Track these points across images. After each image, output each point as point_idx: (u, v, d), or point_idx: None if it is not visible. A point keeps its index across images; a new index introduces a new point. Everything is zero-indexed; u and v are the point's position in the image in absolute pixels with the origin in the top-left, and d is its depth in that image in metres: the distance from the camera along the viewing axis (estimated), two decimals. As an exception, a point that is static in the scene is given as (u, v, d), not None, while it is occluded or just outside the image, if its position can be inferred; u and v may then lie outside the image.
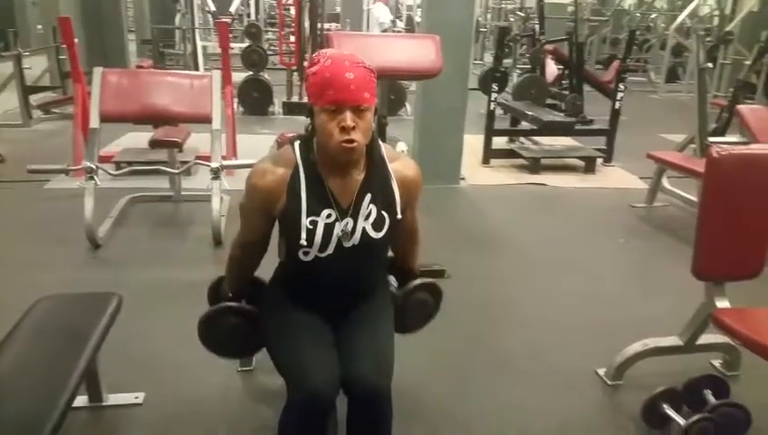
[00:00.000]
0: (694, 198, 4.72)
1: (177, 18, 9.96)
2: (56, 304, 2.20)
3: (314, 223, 1.70)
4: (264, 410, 2.38)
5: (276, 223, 1.83)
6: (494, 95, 5.97)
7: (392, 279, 2.14)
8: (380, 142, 1.81)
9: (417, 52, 3.36)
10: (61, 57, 7.26)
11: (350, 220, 1.73)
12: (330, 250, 1.74)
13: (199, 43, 8.83)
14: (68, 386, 1.71)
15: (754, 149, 2.66)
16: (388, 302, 1.99)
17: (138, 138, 5.79)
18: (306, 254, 1.74)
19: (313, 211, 1.71)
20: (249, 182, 1.76)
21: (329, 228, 1.72)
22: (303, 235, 1.70)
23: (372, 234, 1.75)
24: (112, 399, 2.39)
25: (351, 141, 1.61)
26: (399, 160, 1.83)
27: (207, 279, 2.20)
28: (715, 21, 13.36)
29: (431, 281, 2.17)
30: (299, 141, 1.76)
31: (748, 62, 6.69)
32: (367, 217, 1.74)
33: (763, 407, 2.36)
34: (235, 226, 1.93)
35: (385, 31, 9.70)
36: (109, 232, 3.99)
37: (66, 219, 4.16)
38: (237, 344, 2.06)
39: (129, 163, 4.86)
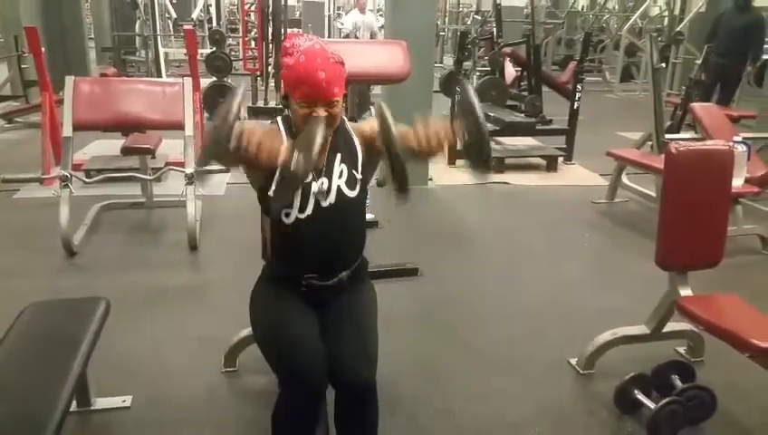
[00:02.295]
0: (652, 193, 4.91)
1: (138, 25, 9.89)
2: (44, 310, 2.22)
3: None
4: (250, 410, 2.43)
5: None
6: (456, 97, 6.10)
7: None
8: (344, 117, 1.93)
9: (386, 57, 3.45)
10: (23, 66, 7.21)
11: (324, 179, 1.84)
12: (309, 211, 1.82)
13: (161, 50, 8.78)
14: (63, 392, 1.73)
15: (710, 144, 2.80)
16: (373, 296, 2.06)
17: (105, 145, 5.78)
18: (288, 216, 1.82)
19: None
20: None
21: (306, 187, 1.81)
22: (274, 186, 1.78)
23: (347, 192, 1.86)
24: (100, 403, 2.41)
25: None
26: (358, 124, 2.00)
27: (185, 283, 2.19)
28: (665, 21, 13.75)
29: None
30: (281, 118, 1.90)
31: (698, 62, 6.94)
32: (340, 176, 1.85)
33: (727, 389, 2.50)
34: (210, 232, 1.94)
35: (347, 36, 9.79)
36: (83, 239, 3.98)
37: (39, 228, 4.15)
38: None
39: (99, 171, 4.83)
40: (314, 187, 1.82)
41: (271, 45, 8.01)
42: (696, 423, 2.38)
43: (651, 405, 2.34)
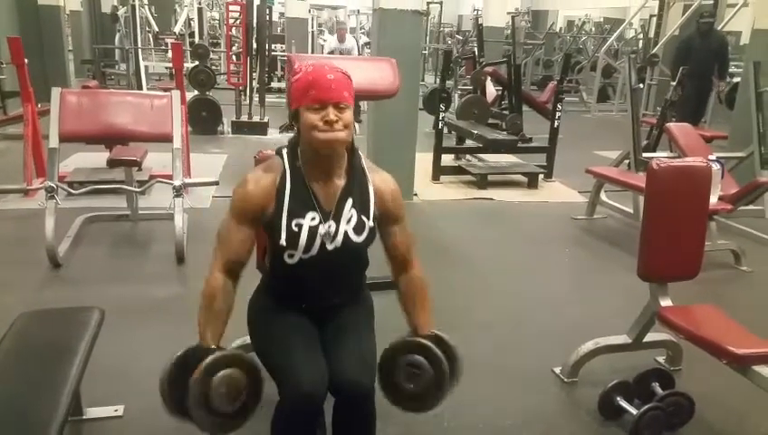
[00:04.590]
0: (630, 210, 5.04)
1: (117, 38, 9.90)
2: (37, 320, 2.20)
3: (299, 225, 1.78)
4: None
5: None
6: (441, 114, 6.19)
7: None
8: (360, 154, 1.91)
9: (377, 74, 3.52)
10: (1, 77, 7.16)
11: (332, 223, 1.81)
12: (313, 252, 1.81)
13: (142, 63, 8.78)
14: (61, 402, 1.73)
15: (688, 161, 2.90)
16: (370, 306, 2.10)
17: (86, 158, 5.76)
18: (291, 256, 1.81)
19: (297, 214, 1.78)
20: (243, 188, 1.81)
21: (312, 230, 1.79)
22: (283, 235, 1.77)
23: (354, 237, 1.83)
24: (92, 412, 2.40)
25: (335, 130, 1.71)
26: (378, 173, 1.93)
27: (173, 295, 2.14)
28: (641, 44, 14.04)
29: (428, 344, 1.90)
30: (286, 149, 1.85)
31: (673, 83, 7.10)
32: (348, 221, 1.83)
33: (704, 396, 2.58)
34: (196, 244, 1.92)
35: (332, 53, 9.90)
36: (68, 251, 3.96)
37: (21, 240, 4.14)
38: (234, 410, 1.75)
39: (82, 183, 4.81)
40: (321, 229, 1.81)
41: (255, 60, 8.07)
42: (675, 428, 2.46)
43: (633, 411, 2.42)
